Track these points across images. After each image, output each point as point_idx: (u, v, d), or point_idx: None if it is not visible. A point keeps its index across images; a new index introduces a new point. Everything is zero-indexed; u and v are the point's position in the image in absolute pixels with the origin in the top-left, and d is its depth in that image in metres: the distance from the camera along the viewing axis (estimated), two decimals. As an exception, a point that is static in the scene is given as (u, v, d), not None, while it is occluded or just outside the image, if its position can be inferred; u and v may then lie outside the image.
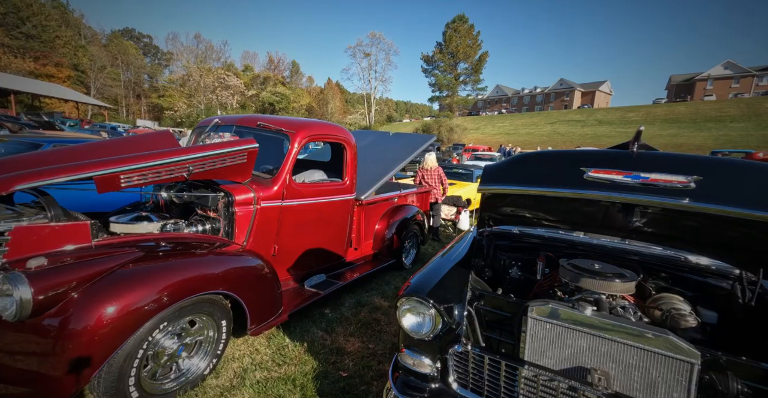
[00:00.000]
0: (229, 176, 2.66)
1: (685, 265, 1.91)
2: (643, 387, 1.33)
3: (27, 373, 1.58)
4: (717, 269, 1.84)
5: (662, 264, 1.97)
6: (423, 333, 1.71)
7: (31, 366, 1.56)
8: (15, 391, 1.57)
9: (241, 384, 2.24)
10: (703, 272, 1.88)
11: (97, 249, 1.87)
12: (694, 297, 1.86)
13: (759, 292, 1.67)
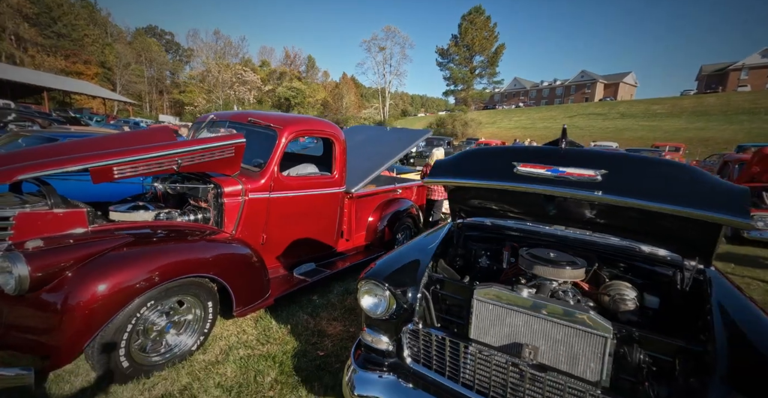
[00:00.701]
0: (218, 169, 2.86)
1: (636, 255, 2.05)
2: (567, 360, 1.47)
3: (29, 341, 1.81)
4: (662, 258, 1.98)
5: (616, 253, 2.11)
6: (378, 312, 1.87)
7: (33, 334, 1.80)
8: (20, 356, 1.81)
9: (225, 359, 2.44)
10: (652, 261, 2.01)
11: (93, 234, 2.09)
12: (643, 284, 1.97)
13: (695, 278, 1.81)
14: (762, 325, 1.41)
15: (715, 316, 1.45)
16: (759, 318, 1.46)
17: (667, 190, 1.29)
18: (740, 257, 5.41)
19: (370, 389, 1.79)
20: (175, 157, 2.45)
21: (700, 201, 1.25)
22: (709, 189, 1.28)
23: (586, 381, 1.40)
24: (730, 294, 1.65)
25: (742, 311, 1.51)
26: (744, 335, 1.37)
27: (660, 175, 1.35)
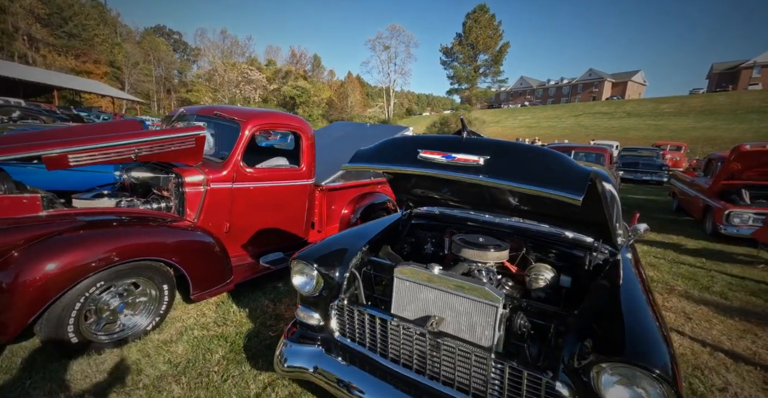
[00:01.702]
0: (180, 159, 2.98)
1: (560, 240, 2.21)
2: (467, 328, 1.63)
3: None
4: (578, 242, 2.15)
5: (542, 238, 2.27)
6: (307, 290, 2.00)
7: None
8: None
9: (179, 339, 2.56)
10: (570, 245, 2.17)
11: (46, 218, 2.22)
12: (561, 266, 2.13)
13: (606, 260, 2.00)
14: (619, 299, 1.57)
15: (592, 290, 1.66)
16: (624, 295, 1.61)
17: (529, 172, 1.41)
18: (715, 252, 5.41)
19: (297, 360, 1.93)
20: (132, 147, 2.58)
21: (547, 181, 1.36)
22: (560, 171, 1.39)
23: (481, 346, 1.55)
24: (620, 275, 1.81)
25: (616, 289, 1.67)
26: (602, 305, 1.57)
27: (528, 160, 1.46)
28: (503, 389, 1.48)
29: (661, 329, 1.40)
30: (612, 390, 1.23)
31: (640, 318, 1.46)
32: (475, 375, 1.56)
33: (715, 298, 3.81)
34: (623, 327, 1.41)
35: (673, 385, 1.14)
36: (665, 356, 1.23)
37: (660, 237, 6.27)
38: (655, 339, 1.32)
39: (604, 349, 1.28)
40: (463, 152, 1.58)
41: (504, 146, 1.56)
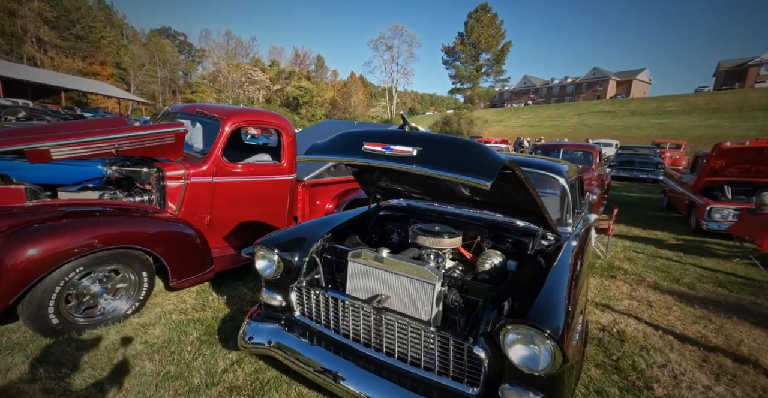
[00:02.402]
0: (162, 154, 3.14)
1: (511, 227, 2.40)
2: (410, 305, 1.81)
3: None
4: (524, 229, 2.34)
5: (495, 226, 2.45)
6: (268, 273, 2.16)
7: None
8: None
9: (157, 322, 2.73)
10: (519, 232, 2.35)
11: (29, 207, 2.39)
12: (510, 251, 2.33)
13: (549, 245, 2.19)
14: (543, 278, 1.75)
15: (523, 269, 1.87)
16: (550, 275, 1.79)
17: (451, 161, 1.53)
18: (694, 247, 5.49)
19: (258, 337, 2.10)
20: (113, 142, 2.74)
21: (464, 168, 1.49)
22: (476, 160, 1.51)
23: (420, 320, 1.72)
24: (556, 258, 1.99)
25: (545, 269, 1.85)
26: (525, 282, 1.76)
27: (452, 151, 1.59)
28: (434, 356, 1.67)
29: (568, 304, 1.55)
30: (514, 348, 1.42)
31: (553, 293, 1.63)
32: (414, 345, 1.73)
33: (682, 289, 3.92)
34: (534, 298, 1.57)
35: (560, 343, 1.32)
36: (559, 322, 1.40)
37: (644, 233, 6.34)
38: (557, 310, 1.48)
39: (512, 315, 1.47)
40: (401, 144, 1.71)
41: (435, 139, 1.69)
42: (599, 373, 2.44)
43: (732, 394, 2.30)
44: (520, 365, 1.42)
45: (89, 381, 2.06)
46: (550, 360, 1.37)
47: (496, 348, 1.49)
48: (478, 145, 1.64)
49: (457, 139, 1.70)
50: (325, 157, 1.90)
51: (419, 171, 1.56)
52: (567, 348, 1.36)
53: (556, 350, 1.34)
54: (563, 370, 1.44)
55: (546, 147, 8.55)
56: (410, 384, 1.70)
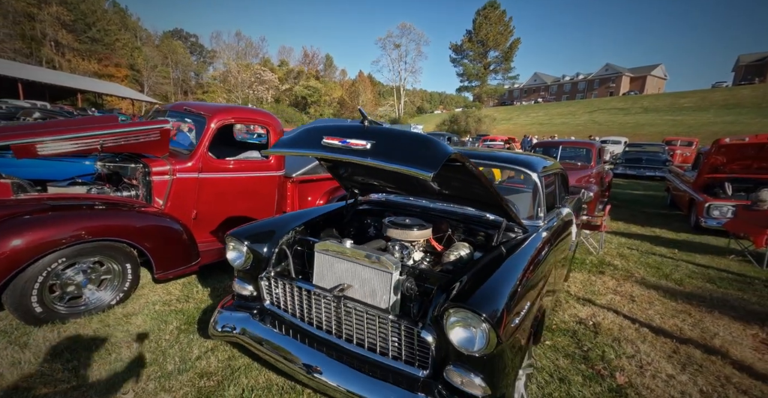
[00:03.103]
0: (148, 150, 3.24)
1: (481, 220, 2.45)
2: (370, 293, 1.85)
3: None
4: (492, 221, 2.40)
5: (465, 219, 2.50)
6: (238, 264, 2.23)
7: None
8: None
9: (140, 312, 2.83)
10: (487, 225, 2.41)
11: (15, 201, 2.51)
12: (478, 244, 2.40)
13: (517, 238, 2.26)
14: (496, 267, 1.80)
15: (481, 259, 1.90)
16: (505, 264, 1.84)
17: (399, 154, 1.58)
18: (691, 244, 5.40)
19: (227, 325, 2.16)
20: (98, 138, 2.85)
21: (409, 160, 1.53)
22: (422, 151, 1.55)
23: (378, 308, 1.78)
24: (517, 249, 2.04)
25: (501, 259, 1.90)
26: (478, 270, 1.80)
27: (402, 144, 1.63)
28: (388, 341, 1.74)
29: (516, 291, 1.61)
30: (454, 330, 1.48)
31: (501, 280, 1.67)
32: (370, 331, 1.79)
33: (668, 284, 3.89)
34: (480, 285, 1.62)
35: (495, 327, 1.38)
36: (498, 306, 1.46)
37: (642, 231, 6.25)
38: (498, 295, 1.54)
39: (456, 299, 1.51)
40: (357, 138, 1.76)
41: (389, 132, 1.73)
42: (567, 363, 2.46)
43: (694, 382, 2.31)
44: (459, 346, 1.48)
45: (66, 366, 2.16)
46: (485, 342, 1.43)
47: (441, 332, 1.54)
48: (427, 138, 1.67)
49: (409, 132, 1.74)
50: (290, 151, 1.95)
51: (371, 163, 1.60)
52: (502, 331, 1.41)
53: (491, 332, 1.40)
54: (502, 352, 1.51)
55: (544, 144, 8.46)
56: (368, 369, 1.76)
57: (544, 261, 2.14)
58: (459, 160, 1.68)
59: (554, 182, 3.22)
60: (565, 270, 3.31)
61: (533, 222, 2.54)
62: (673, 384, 2.27)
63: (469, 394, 1.51)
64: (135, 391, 2.01)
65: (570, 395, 2.17)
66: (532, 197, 2.69)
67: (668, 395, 2.18)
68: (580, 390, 2.20)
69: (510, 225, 2.38)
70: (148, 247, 2.91)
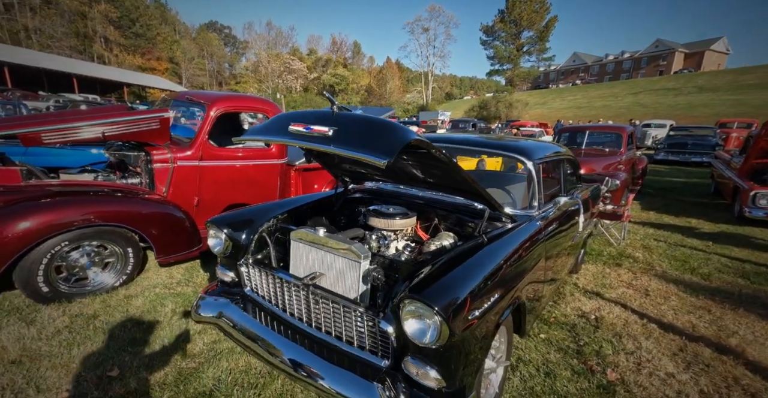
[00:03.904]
0: (150, 139, 3.35)
1: (467, 209, 2.37)
2: (341, 282, 1.85)
3: None
4: (478, 210, 2.29)
5: (455, 209, 2.43)
6: (218, 250, 2.27)
7: None
8: None
9: (141, 294, 2.97)
10: (475, 214, 2.31)
11: (23, 187, 2.68)
12: (464, 233, 2.33)
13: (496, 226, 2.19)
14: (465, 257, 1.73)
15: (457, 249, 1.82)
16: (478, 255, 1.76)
17: (358, 140, 1.49)
18: (730, 236, 4.90)
19: (207, 310, 2.21)
20: (100, 127, 2.97)
21: (366, 147, 1.44)
22: (381, 138, 1.46)
23: (344, 297, 1.75)
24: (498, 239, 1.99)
25: (476, 249, 1.83)
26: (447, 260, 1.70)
27: (364, 130, 1.55)
28: (353, 330, 1.72)
29: (481, 283, 1.56)
30: (408, 322, 1.44)
31: (467, 272, 1.61)
32: (337, 320, 1.77)
33: (693, 279, 3.58)
34: (442, 276, 1.56)
35: (448, 320, 1.34)
36: (452, 300, 1.41)
37: (676, 221, 5.75)
38: (458, 288, 1.48)
39: (413, 290, 1.45)
40: (320, 124, 1.69)
41: (352, 119, 1.65)
42: (558, 357, 2.33)
43: (695, 382, 2.11)
44: (412, 337, 1.44)
45: (63, 343, 2.31)
46: (436, 335, 1.38)
47: (399, 323, 1.50)
48: (388, 125, 1.58)
49: (373, 118, 1.64)
50: (259, 138, 1.91)
51: (332, 151, 1.53)
52: (456, 324, 1.37)
53: (443, 325, 1.35)
54: (458, 345, 1.45)
55: (570, 130, 7.93)
56: (335, 358, 1.74)
57: (531, 252, 2.04)
58: (423, 147, 1.58)
59: (558, 169, 3.01)
60: (570, 261, 3.10)
61: (526, 211, 2.39)
62: (670, 383, 2.09)
63: (424, 386, 1.47)
64: (121, 369, 2.12)
65: (553, 390, 2.04)
66: (526, 186, 2.52)
67: (662, 394, 2.00)
68: (565, 386, 2.07)
69: (496, 215, 2.26)
70: (148, 232, 3.03)
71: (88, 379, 2.01)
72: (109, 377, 2.04)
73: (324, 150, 1.65)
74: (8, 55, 28.46)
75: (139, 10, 51.16)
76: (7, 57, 27.64)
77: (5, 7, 39.40)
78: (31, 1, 40.34)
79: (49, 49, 40.46)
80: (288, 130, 1.81)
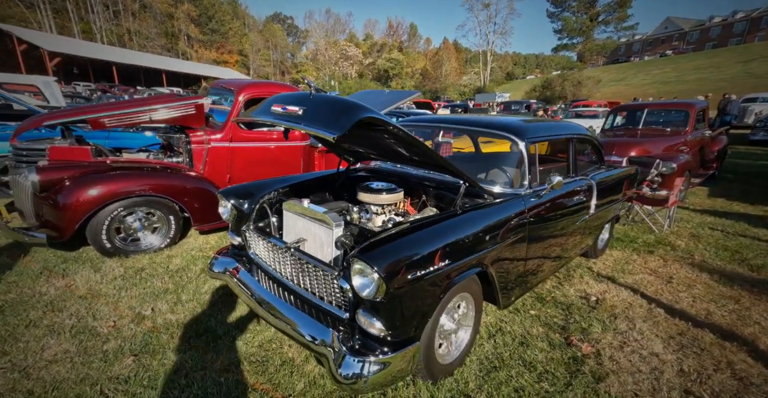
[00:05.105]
0: (189, 123, 3.84)
1: (450, 186, 2.48)
2: (319, 246, 2.10)
3: (47, 221, 3.11)
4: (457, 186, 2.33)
5: (439, 186, 2.55)
6: (226, 217, 2.61)
7: (48, 217, 3.09)
8: (44, 231, 3.11)
9: (179, 254, 3.51)
10: (453, 189, 2.41)
11: (91, 162, 3.31)
12: (444, 208, 2.45)
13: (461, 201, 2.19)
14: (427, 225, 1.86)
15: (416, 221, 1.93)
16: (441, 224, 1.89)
17: (319, 118, 1.66)
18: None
19: (217, 267, 2.58)
20: (147, 113, 3.50)
21: (321, 123, 1.61)
22: (337, 115, 1.60)
23: (318, 259, 1.99)
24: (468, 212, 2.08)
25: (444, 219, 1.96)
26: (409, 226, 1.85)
27: (325, 109, 1.69)
28: (323, 287, 1.95)
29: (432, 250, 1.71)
30: (355, 278, 1.63)
31: (416, 238, 1.75)
32: (312, 278, 2.01)
33: (738, 269, 3.23)
34: (390, 241, 1.69)
35: (384, 278, 1.51)
36: (393, 260, 1.58)
37: (748, 209, 5.03)
38: (401, 250, 1.65)
39: (361, 251, 1.62)
40: (294, 105, 1.88)
41: (321, 100, 1.81)
42: (541, 331, 2.35)
43: (679, 362, 2.01)
44: (358, 291, 1.62)
45: (117, 286, 2.88)
46: (375, 289, 1.55)
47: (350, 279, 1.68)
48: (348, 103, 1.74)
49: (339, 99, 1.81)
50: (251, 118, 2.16)
51: (300, 128, 1.73)
52: (392, 282, 1.53)
53: (380, 281, 1.52)
54: (398, 301, 1.62)
55: (627, 108, 7.12)
56: (313, 312, 2.00)
57: (508, 227, 2.12)
58: (380, 124, 1.71)
59: (567, 149, 2.89)
60: (580, 242, 2.98)
61: (515, 190, 2.40)
62: (649, 361, 2.01)
63: (371, 334, 1.66)
64: (154, 310, 2.60)
65: (522, 358, 2.08)
66: (517, 164, 2.49)
67: (635, 369, 1.92)
68: (535, 355, 2.10)
69: (477, 192, 2.31)
70: (186, 203, 3.54)
71: (128, 315, 2.52)
72: (143, 315, 2.53)
73: (294, 127, 1.84)
74: (117, 55, 33.35)
75: (215, 7, 55.36)
76: (117, 57, 32.42)
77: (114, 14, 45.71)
78: (132, 7, 46.21)
79: (145, 48, 46.21)
80: (271, 110, 2.04)
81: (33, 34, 29.48)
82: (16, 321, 2.38)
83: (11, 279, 2.93)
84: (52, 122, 3.31)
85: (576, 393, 1.81)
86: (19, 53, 26.85)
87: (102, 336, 2.28)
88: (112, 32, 44.84)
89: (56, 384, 1.86)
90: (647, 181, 4.44)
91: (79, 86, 25.47)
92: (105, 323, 2.42)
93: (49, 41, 29.25)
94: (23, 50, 27.15)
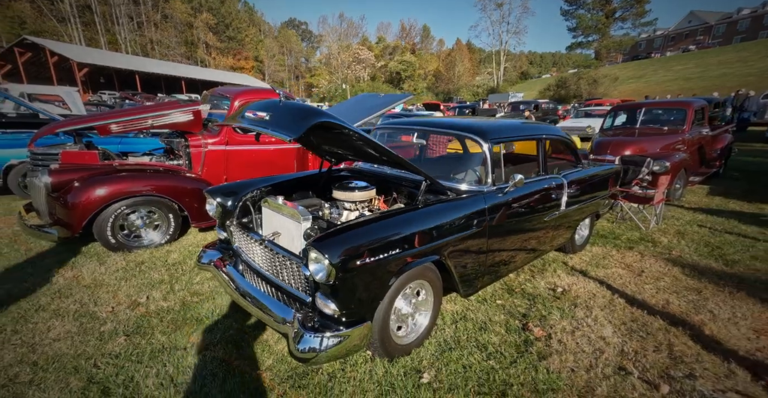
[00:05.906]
0: (187, 128, 4.14)
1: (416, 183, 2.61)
2: (291, 239, 2.27)
3: (58, 219, 3.43)
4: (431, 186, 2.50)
5: (409, 184, 2.74)
6: (212, 213, 2.84)
7: (59, 215, 3.42)
8: (56, 228, 3.43)
9: (177, 250, 3.79)
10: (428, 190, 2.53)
11: (99, 165, 3.63)
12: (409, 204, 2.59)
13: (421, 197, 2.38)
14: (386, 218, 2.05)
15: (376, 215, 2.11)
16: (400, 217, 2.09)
17: (280, 122, 1.87)
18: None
19: (204, 259, 2.82)
20: (148, 119, 3.81)
21: (280, 126, 1.82)
22: (297, 121, 1.80)
23: (288, 251, 2.20)
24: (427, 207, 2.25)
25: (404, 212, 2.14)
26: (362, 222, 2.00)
27: (287, 114, 1.90)
28: (291, 274, 2.16)
29: (378, 239, 1.89)
30: (311, 264, 1.82)
31: (370, 229, 1.92)
32: (282, 267, 2.21)
33: (712, 264, 3.29)
34: (343, 232, 1.88)
35: (334, 265, 1.71)
36: (343, 249, 1.76)
37: (744, 207, 4.98)
38: (350, 241, 1.82)
39: (316, 240, 1.82)
40: (263, 111, 2.10)
41: (286, 106, 2.02)
42: (502, 318, 2.48)
43: (622, 344, 2.13)
44: (313, 275, 1.81)
45: (118, 277, 3.16)
46: (326, 274, 1.74)
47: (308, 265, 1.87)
48: (308, 110, 1.95)
49: (299, 106, 2.03)
50: (228, 123, 2.39)
51: (265, 132, 1.95)
52: (340, 267, 1.73)
53: (330, 267, 1.72)
54: (348, 285, 1.80)
55: (622, 108, 7.08)
56: (283, 297, 2.23)
57: (467, 220, 2.29)
58: (335, 128, 1.93)
59: (537, 148, 3.02)
60: (553, 237, 3.08)
61: (479, 187, 2.56)
62: (594, 343, 2.14)
63: (327, 314, 1.87)
64: (148, 298, 2.86)
65: (477, 340, 2.23)
66: (482, 163, 2.64)
67: (579, 350, 2.05)
68: (490, 338, 2.24)
69: (439, 188, 2.48)
70: (185, 203, 3.82)
71: (125, 301, 2.79)
72: (138, 302, 2.79)
73: (261, 131, 2.06)
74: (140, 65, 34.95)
75: (232, 15, 56.88)
76: (139, 66, 33.99)
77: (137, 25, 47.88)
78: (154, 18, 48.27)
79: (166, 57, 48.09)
80: (245, 116, 2.26)
81: (63, 47, 31.22)
82: (28, 306, 2.68)
83: (28, 270, 3.26)
84: (64, 129, 3.67)
85: (518, 370, 1.95)
86: (51, 65, 28.50)
87: (100, 320, 2.55)
88: (135, 42, 46.95)
89: (57, 358, 2.13)
90: (637, 179, 4.47)
91: (105, 95, 26.85)
92: (104, 308, 2.69)
93: (78, 53, 30.91)
94: (55, 62, 28.81)
